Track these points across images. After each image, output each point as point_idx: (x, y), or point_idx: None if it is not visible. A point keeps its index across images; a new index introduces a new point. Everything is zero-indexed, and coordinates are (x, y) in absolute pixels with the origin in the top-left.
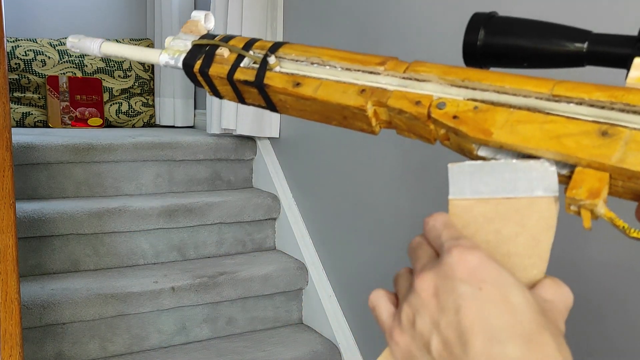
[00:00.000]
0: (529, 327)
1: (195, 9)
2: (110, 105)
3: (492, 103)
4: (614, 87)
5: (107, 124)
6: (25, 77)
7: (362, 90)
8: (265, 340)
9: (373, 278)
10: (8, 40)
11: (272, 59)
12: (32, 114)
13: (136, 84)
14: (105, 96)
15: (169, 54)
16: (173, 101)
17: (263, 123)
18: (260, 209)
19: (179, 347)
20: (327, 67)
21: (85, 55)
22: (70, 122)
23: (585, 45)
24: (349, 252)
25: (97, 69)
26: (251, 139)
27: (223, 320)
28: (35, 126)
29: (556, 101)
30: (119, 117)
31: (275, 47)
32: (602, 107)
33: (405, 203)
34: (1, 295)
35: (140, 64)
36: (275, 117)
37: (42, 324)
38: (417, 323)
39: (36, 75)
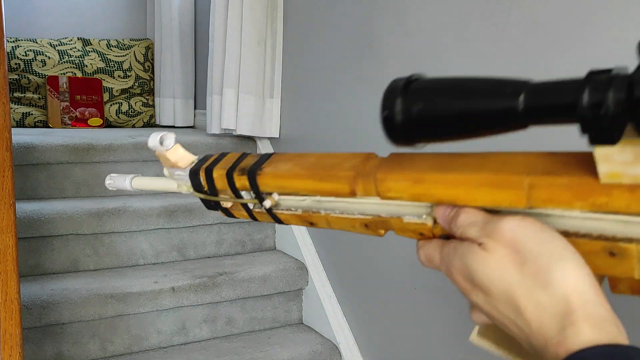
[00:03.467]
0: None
1: (195, 9)
2: (110, 105)
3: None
4: (592, 190)
5: (107, 124)
6: (25, 77)
7: (366, 225)
8: (264, 341)
9: (373, 278)
10: (8, 41)
11: (268, 203)
12: (32, 114)
13: (136, 84)
14: (105, 96)
15: (185, 190)
16: (173, 101)
17: (263, 123)
18: None
19: (178, 347)
20: (316, 199)
21: (85, 56)
22: (70, 122)
23: (521, 99)
24: (349, 252)
25: (97, 69)
26: (251, 139)
27: (223, 321)
28: (35, 126)
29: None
30: (119, 117)
31: (252, 177)
32: (591, 219)
33: None
34: (1, 296)
35: (140, 63)
36: (275, 117)
37: (42, 324)
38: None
39: (36, 76)
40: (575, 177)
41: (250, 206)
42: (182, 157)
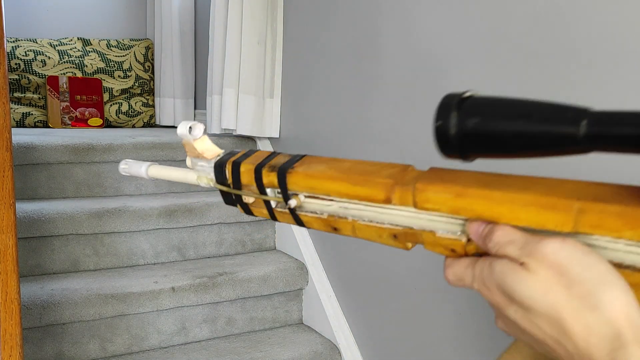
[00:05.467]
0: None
1: (195, 9)
2: (110, 105)
3: None
4: None
5: (107, 124)
6: (25, 78)
7: (395, 236)
8: (264, 341)
9: (373, 278)
10: (8, 41)
11: (293, 202)
12: (32, 114)
13: (136, 84)
14: (106, 96)
15: (205, 182)
16: (173, 101)
17: (263, 123)
18: None
19: (178, 347)
20: (344, 202)
21: (85, 56)
22: (70, 123)
23: (583, 126)
24: (350, 252)
25: (97, 70)
26: (251, 139)
27: (223, 321)
28: (35, 126)
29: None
30: (119, 117)
31: (282, 174)
32: (635, 253)
33: None
34: (1, 296)
35: (140, 63)
36: (275, 117)
37: (42, 324)
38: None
39: (36, 76)
40: (627, 207)
41: (273, 205)
42: (209, 149)
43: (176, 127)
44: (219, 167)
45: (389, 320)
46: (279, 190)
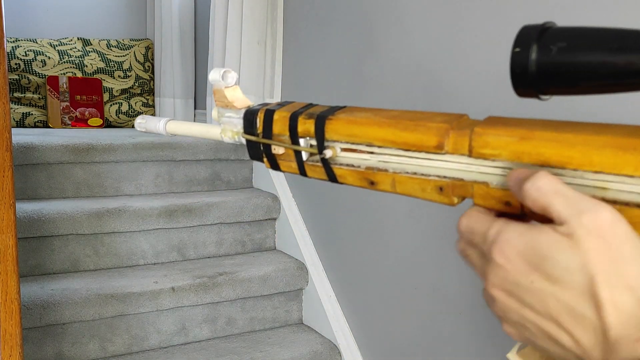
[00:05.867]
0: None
1: (195, 9)
2: (111, 105)
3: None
4: None
5: (107, 124)
6: (25, 78)
7: (440, 188)
8: (264, 341)
9: (373, 278)
10: (8, 41)
11: (329, 153)
12: (32, 114)
13: (136, 84)
14: (106, 96)
15: (229, 136)
16: (173, 101)
17: None
18: (260, 209)
19: (178, 348)
20: (385, 155)
21: (85, 56)
22: (70, 123)
23: None
24: (350, 252)
25: (97, 70)
26: None
27: (223, 321)
28: (35, 126)
29: None
30: (119, 117)
31: (321, 121)
32: None
33: (406, 203)
34: (1, 296)
35: (140, 63)
36: None
37: (42, 324)
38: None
39: (36, 76)
40: None
41: (304, 157)
42: (239, 98)
43: None
44: (250, 114)
45: (389, 320)
46: (314, 141)
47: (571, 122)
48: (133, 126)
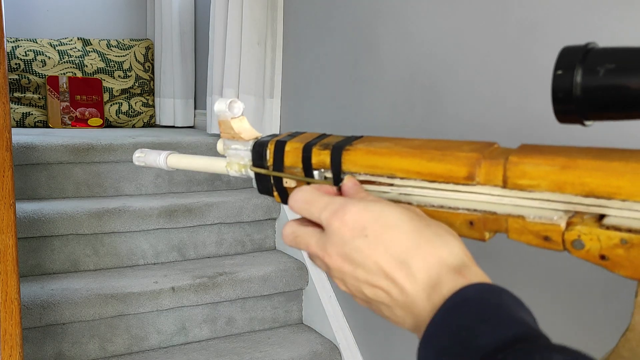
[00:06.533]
0: (418, 234)
1: (195, 9)
2: (111, 105)
3: None
4: None
5: (107, 124)
6: (25, 77)
7: (471, 223)
8: (264, 341)
9: None
10: (8, 41)
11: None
12: (32, 114)
13: (136, 84)
14: (106, 96)
15: (236, 170)
16: (173, 101)
17: (263, 123)
18: (260, 209)
19: (178, 348)
20: (408, 187)
21: (85, 56)
22: (70, 123)
23: None
24: None
25: (98, 69)
26: None
27: (223, 321)
28: (35, 126)
29: None
30: (119, 117)
31: (338, 152)
32: None
33: None
34: (1, 296)
35: (140, 63)
36: (275, 117)
37: (42, 324)
38: (348, 285)
39: (36, 76)
40: None
41: None
42: (247, 130)
43: (176, 128)
44: (259, 146)
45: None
46: (328, 173)
47: (614, 149)
48: (133, 126)
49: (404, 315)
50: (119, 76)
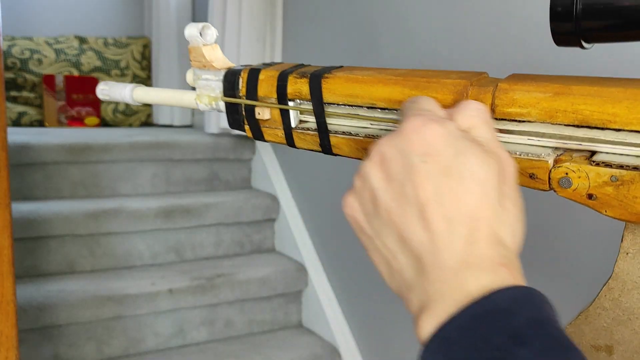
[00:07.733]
0: (488, 199)
1: (193, 6)
2: (107, 104)
3: (636, 167)
4: None
5: (104, 123)
6: (21, 76)
7: None
8: (263, 343)
9: (374, 280)
10: (4, 39)
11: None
12: (28, 113)
13: (133, 83)
14: None
15: (206, 102)
16: None
17: None
18: (259, 209)
19: (175, 350)
20: (389, 122)
21: (82, 54)
22: (66, 122)
23: None
24: (350, 253)
25: (94, 68)
26: (250, 139)
27: (221, 323)
28: (31, 125)
29: None
30: (115, 116)
31: (317, 79)
32: None
33: None
34: None
35: (137, 61)
36: None
37: (38, 326)
38: (358, 189)
39: (32, 74)
40: None
41: (293, 123)
42: (219, 59)
43: (174, 127)
44: (231, 75)
45: (390, 322)
46: (305, 104)
47: (611, 78)
48: (130, 125)
49: (407, 266)
50: (116, 74)
